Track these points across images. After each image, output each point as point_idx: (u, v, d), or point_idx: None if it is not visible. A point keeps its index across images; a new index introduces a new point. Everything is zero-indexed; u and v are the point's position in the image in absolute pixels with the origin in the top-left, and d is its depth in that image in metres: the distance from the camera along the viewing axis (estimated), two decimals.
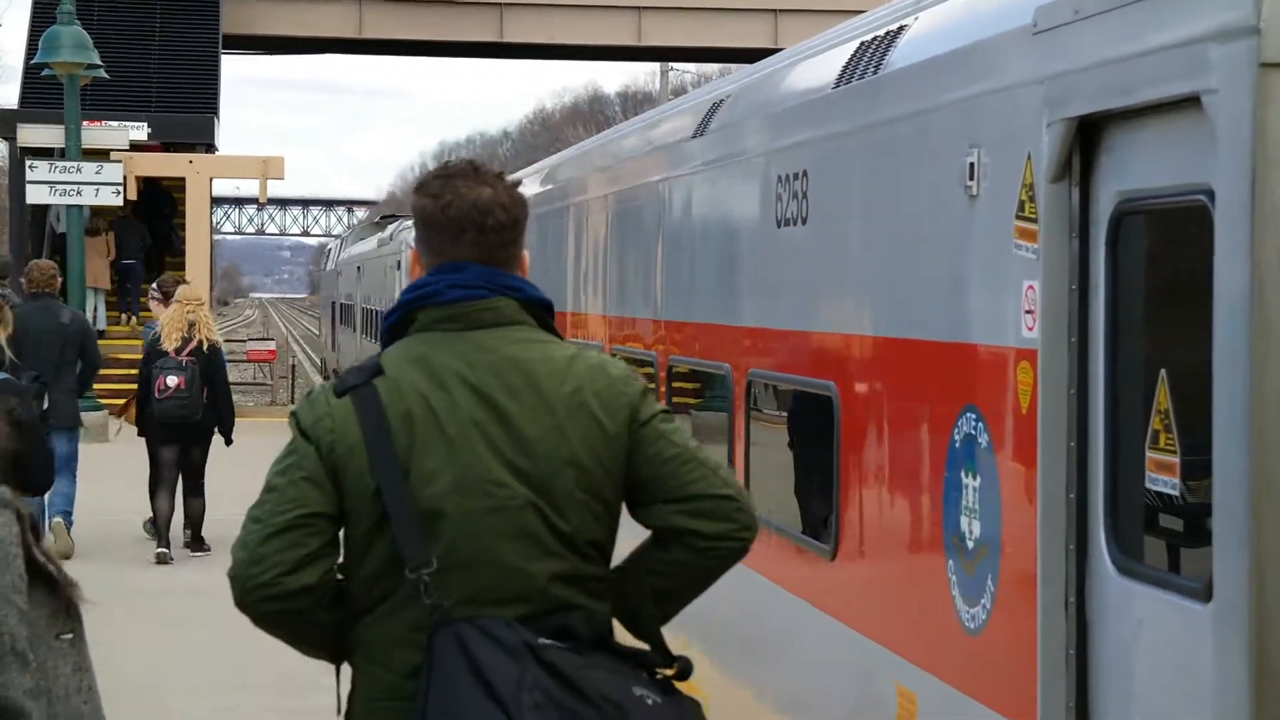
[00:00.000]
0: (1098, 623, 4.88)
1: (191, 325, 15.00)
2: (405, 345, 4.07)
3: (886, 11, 6.90)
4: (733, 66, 49.04)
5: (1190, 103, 4.27)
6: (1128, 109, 4.62)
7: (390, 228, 32.25)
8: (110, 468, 19.52)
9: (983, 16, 5.64)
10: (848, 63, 6.81)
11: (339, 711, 4.07)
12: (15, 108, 34.82)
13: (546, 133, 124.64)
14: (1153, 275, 4.75)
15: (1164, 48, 4.36)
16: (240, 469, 12.01)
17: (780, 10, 44.73)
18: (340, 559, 3.97)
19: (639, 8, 45.16)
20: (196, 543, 15.79)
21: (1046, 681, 4.97)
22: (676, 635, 4.31)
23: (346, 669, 4.08)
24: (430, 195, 4.14)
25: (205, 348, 15.08)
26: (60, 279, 16.13)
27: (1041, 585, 4.99)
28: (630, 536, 4.28)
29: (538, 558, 3.90)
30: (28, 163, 27.46)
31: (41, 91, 32.25)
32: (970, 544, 5.51)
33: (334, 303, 50.73)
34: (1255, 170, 3.98)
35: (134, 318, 28.94)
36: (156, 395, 14.89)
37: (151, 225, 31.21)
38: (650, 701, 3.79)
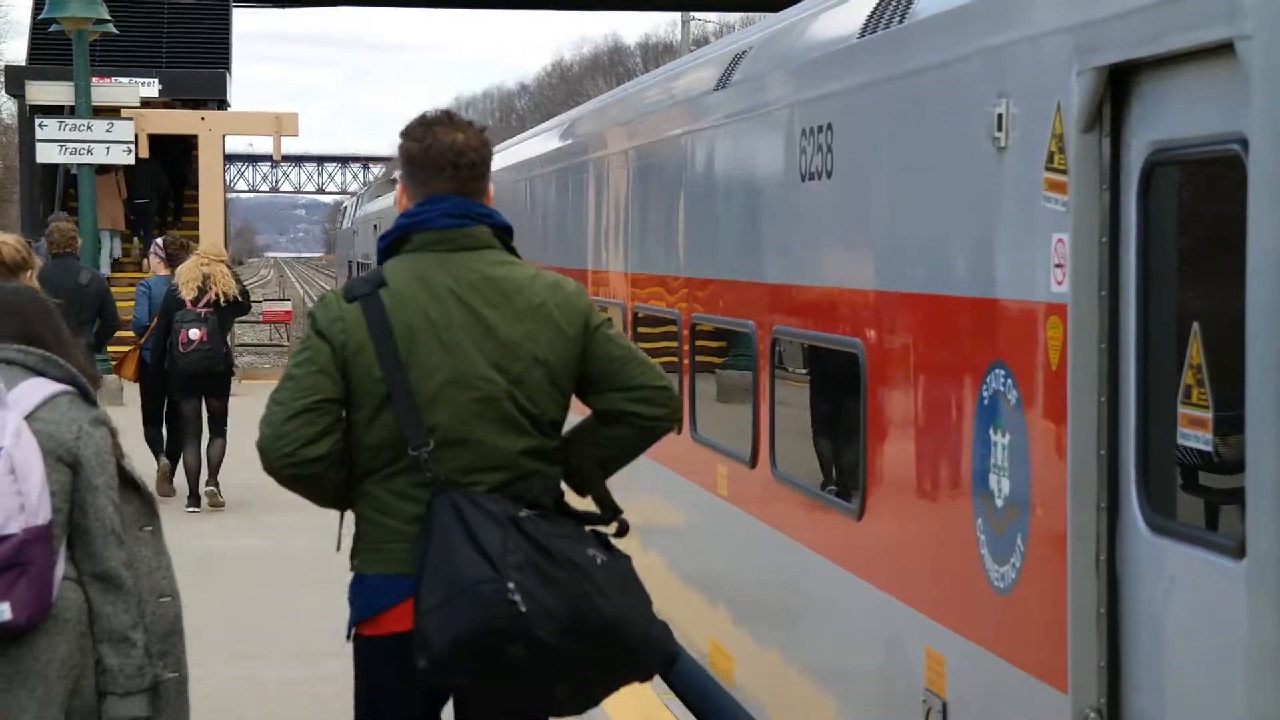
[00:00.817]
0: (1129, 581, 4.90)
1: (206, 278, 15.27)
2: (404, 261, 5.09)
3: None
4: (755, 15, 48.93)
5: (1224, 49, 4.26)
6: (1160, 56, 4.61)
7: None
8: (133, 431, 19.54)
9: None
10: (873, 11, 6.81)
11: (338, 548, 5.24)
12: (23, 64, 34.86)
13: (565, 85, 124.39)
14: (1186, 227, 4.75)
15: None
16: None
17: None
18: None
19: None
20: (212, 489, 15.73)
21: (1077, 641, 4.99)
22: (711, 605, 4.38)
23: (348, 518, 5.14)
24: (415, 139, 5.15)
25: (223, 301, 15.35)
26: (79, 239, 16.38)
27: (1072, 543, 5.01)
28: None
29: (513, 437, 5.01)
30: (37, 120, 27.41)
31: (50, 47, 32.22)
32: (999, 502, 5.53)
33: (351, 261, 50.81)
34: None
35: (145, 259, 28.85)
36: (181, 349, 15.14)
37: (164, 160, 31.14)
38: (599, 560, 4.92)
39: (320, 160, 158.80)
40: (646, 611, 5.01)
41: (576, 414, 5.21)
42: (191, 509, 15.49)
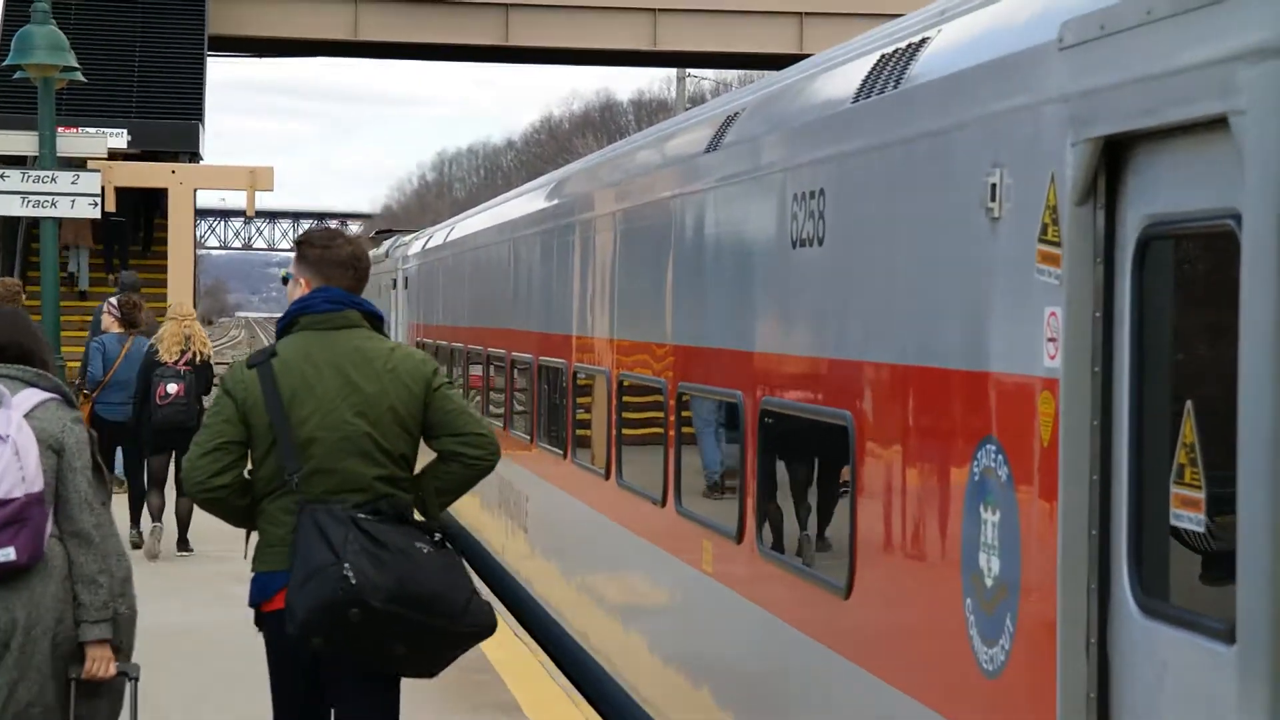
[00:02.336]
0: (1120, 665, 5.01)
1: (188, 338, 17.11)
2: (292, 339, 7.04)
3: (910, 22, 7.06)
4: (754, 73, 49.23)
5: (1218, 124, 4.40)
6: (1155, 129, 4.76)
7: (386, 244, 32.36)
8: None
9: (1008, 30, 5.79)
10: (867, 76, 6.96)
11: (245, 556, 7.12)
12: None
13: (554, 142, 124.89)
14: (1180, 302, 4.88)
15: (1192, 67, 4.50)
16: None
17: (806, 13, 44.80)
18: (248, 467, 6.99)
19: (654, 10, 45.27)
20: (182, 543, 17.44)
21: None
22: (698, 687, 4.47)
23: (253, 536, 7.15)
24: (320, 246, 7.20)
25: (199, 360, 17.19)
26: (23, 295, 16.93)
27: (1062, 626, 5.12)
28: None
29: (370, 467, 6.90)
30: None
31: (14, 95, 32.40)
32: (989, 582, 5.64)
33: None
34: None
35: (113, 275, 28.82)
36: (158, 401, 16.86)
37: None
38: (425, 550, 6.79)
39: (296, 216, 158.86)
40: (468, 589, 6.86)
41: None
42: (143, 538, 17.40)
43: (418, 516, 7.07)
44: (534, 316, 14.75)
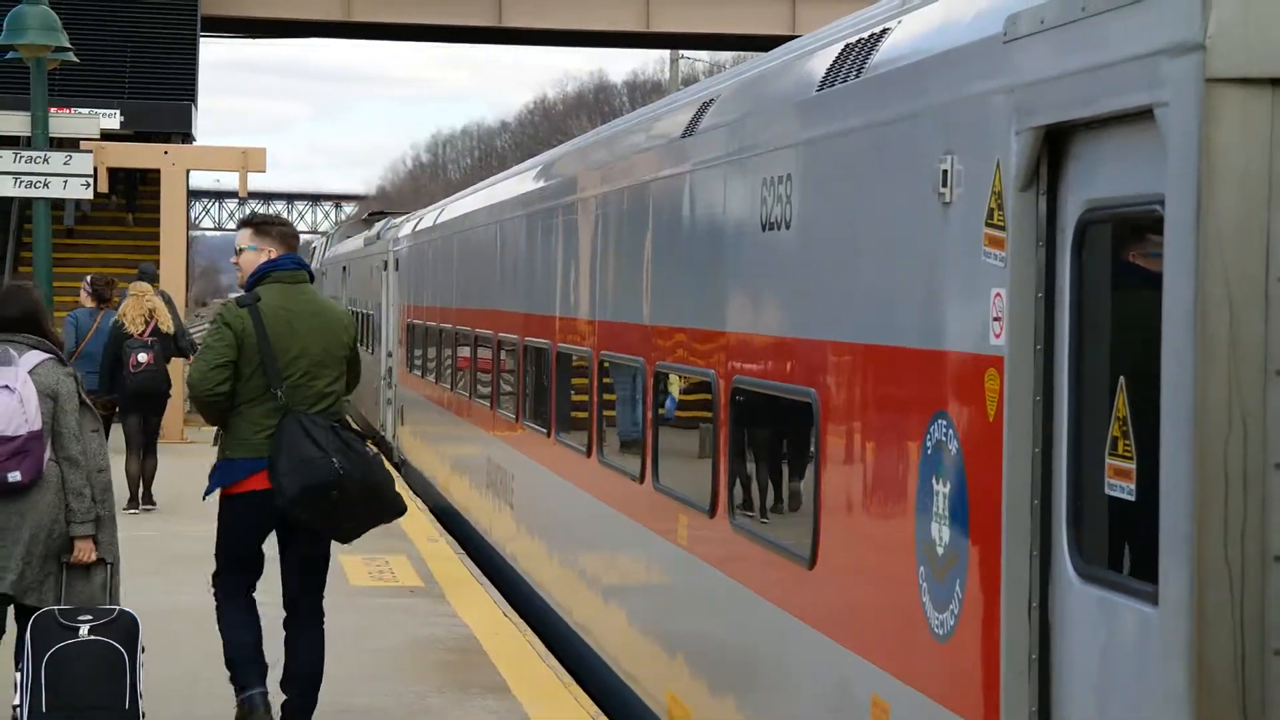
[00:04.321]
0: (1060, 628, 5.32)
1: (151, 311, 19.50)
2: (268, 288, 9.52)
3: (874, 12, 7.36)
4: (747, 55, 49.44)
5: (1146, 115, 4.71)
6: (1092, 119, 5.06)
7: (378, 226, 32.57)
8: None
9: (959, 23, 6.09)
10: (831, 65, 7.26)
11: (214, 443, 9.62)
12: None
13: (548, 123, 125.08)
14: (1115, 283, 5.19)
15: (1122, 60, 4.80)
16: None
17: None
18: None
19: None
20: (147, 497, 19.85)
21: (1010, 687, 5.42)
22: (673, 656, 4.74)
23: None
24: (280, 224, 9.91)
25: (163, 330, 19.49)
26: None
27: (1006, 591, 5.43)
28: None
29: (328, 384, 9.44)
30: None
31: (6, 76, 32.64)
32: (940, 550, 5.96)
33: None
34: (1200, 184, 4.42)
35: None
36: (130, 370, 19.17)
37: None
38: (372, 453, 9.40)
39: (290, 198, 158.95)
40: (391, 481, 9.63)
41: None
42: (130, 510, 19.19)
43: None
44: (519, 297, 15.05)
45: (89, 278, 21.08)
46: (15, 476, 8.88)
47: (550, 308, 13.35)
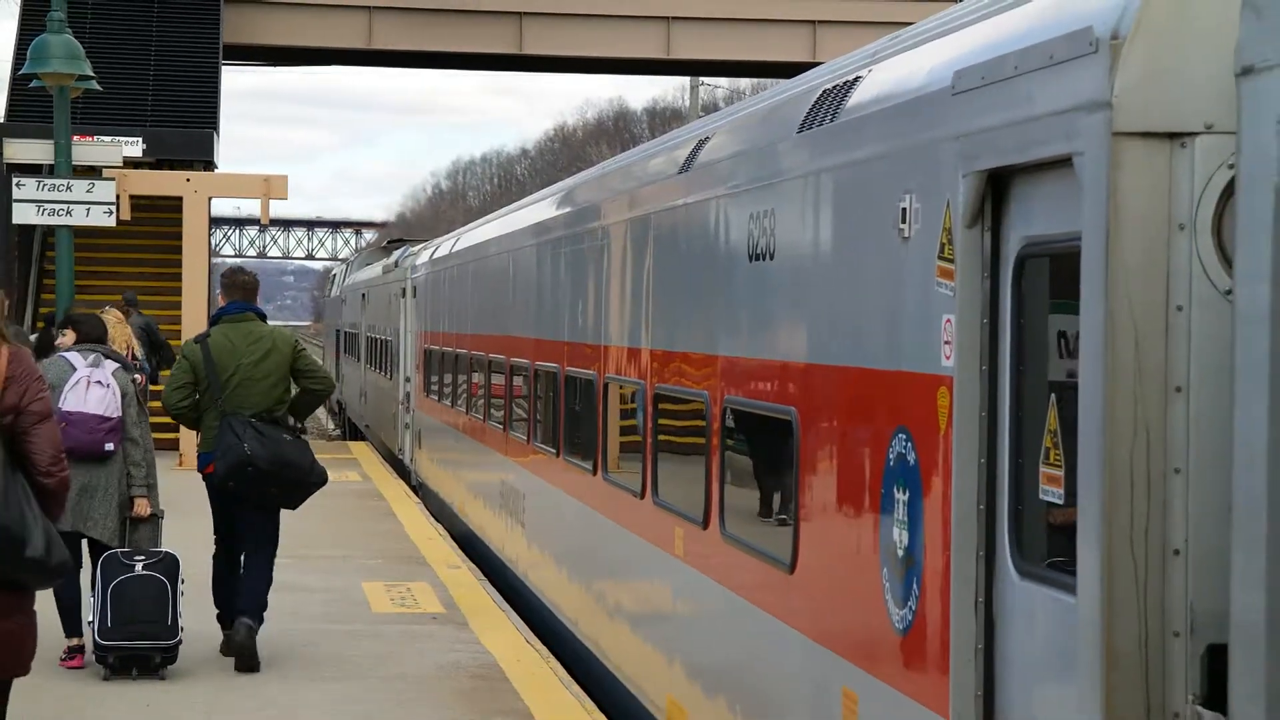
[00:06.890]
0: (1002, 620, 6.03)
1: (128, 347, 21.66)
2: (219, 327, 12.99)
3: (849, 61, 8.10)
4: (768, 81, 50.09)
5: (1067, 162, 5.43)
6: (1026, 164, 5.78)
7: (396, 254, 33.14)
8: None
9: (918, 75, 6.82)
10: (811, 108, 7.99)
11: (197, 440, 13.40)
12: (1, 121, 35.74)
13: (567, 150, 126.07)
14: (1048, 311, 5.90)
15: (1047, 114, 5.53)
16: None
17: (820, 21, 45.65)
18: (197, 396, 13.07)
19: (667, 18, 46.07)
20: None
21: (958, 675, 6.13)
22: (671, 662, 5.43)
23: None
24: (228, 278, 13.37)
25: (130, 354, 21.12)
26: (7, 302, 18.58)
27: (954, 588, 6.15)
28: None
29: (263, 396, 12.82)
30: (14, 180, 28.07)
31: (30, 104, 33.21)
32: (900, 553, 6.67)
33: (338, 330, 51.96)
34: (1109, 224, 5.14)
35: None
36: None
37: None
38: (287, 438, 12.78)
39: (310, 225, 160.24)
40: (310, 458, 12.76)
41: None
42: None
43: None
44: (529, 324, 15.80)
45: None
46: (110, 446, 12.27)
47: (559, 333, 14.10)
